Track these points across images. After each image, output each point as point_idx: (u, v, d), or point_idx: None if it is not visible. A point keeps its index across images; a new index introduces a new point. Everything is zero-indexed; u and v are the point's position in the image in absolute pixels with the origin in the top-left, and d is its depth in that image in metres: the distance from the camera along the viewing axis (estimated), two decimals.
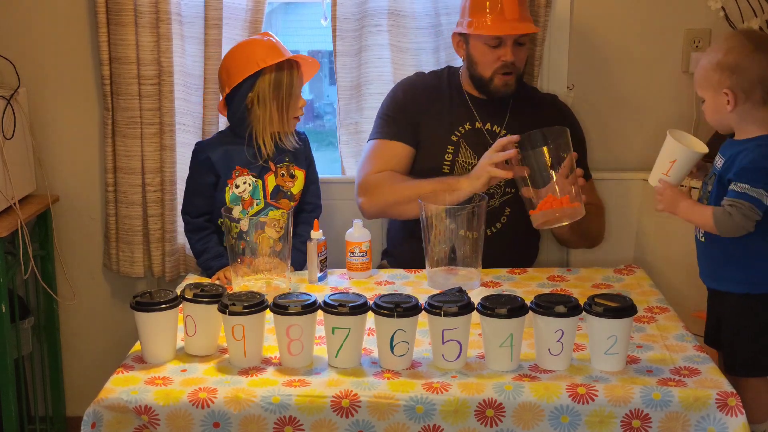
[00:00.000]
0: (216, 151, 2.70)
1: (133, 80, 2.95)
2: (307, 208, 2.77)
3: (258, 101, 2.65)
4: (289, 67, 2.66)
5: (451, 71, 2.90)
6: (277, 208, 2.70)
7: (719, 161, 2.31)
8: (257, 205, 2.71)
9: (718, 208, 2.22)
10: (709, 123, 2.36)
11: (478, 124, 2.80)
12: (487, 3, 2.68)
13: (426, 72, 2.94)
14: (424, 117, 2.82)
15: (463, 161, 2.78)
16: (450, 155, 2.78)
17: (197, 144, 2.78)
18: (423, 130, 2.81)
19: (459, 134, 2.79)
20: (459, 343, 2.03)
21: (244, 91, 2.65)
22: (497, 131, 2.80)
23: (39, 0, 3.03)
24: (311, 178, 2.80)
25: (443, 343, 2.03)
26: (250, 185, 2.70)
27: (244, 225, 2.45)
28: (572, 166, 2.49)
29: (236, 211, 2.65)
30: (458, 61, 2.97)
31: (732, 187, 2.21)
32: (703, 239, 2.34)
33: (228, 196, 2.69)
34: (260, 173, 2.71)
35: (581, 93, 3.09)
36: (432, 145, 2.80)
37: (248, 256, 2.47)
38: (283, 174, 2.72)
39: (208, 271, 2.68)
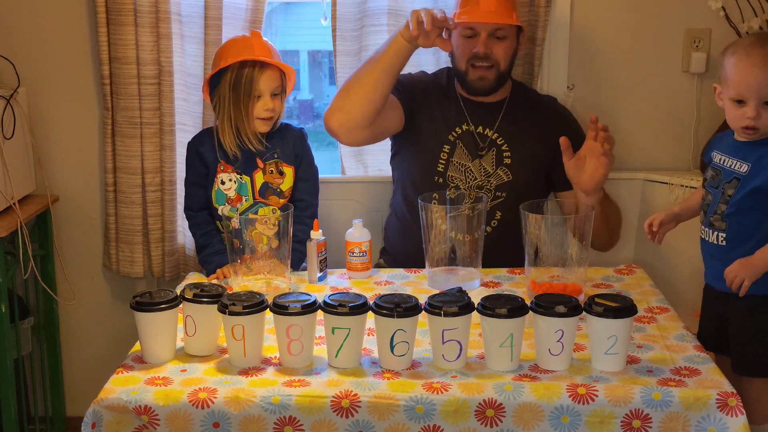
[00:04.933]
0: (204, 145, 2.74)
1: (132, 80, 2.95)
2: (298, 206, 2.73)
3: (219, 98, 2.69)
4: (252, 67, 2.66)
5: (449, 72, 2.90)
6: (266, 205, 2.71)
7: (739, 165, 2.29)
8: (246, 201, 2.72)
9: None
10: (765, 129, 2.25)
11: (470, 127, 2.80)
12: None
13: (429, 72, 2.95)
14: (424, 109, 2.82)
15: (457, 162, 2.77)
16: (445, 154, 2.78)
17: (189, 140, 2.82)
18: (421, 125, 2.81)
19: (456, 135, 2.79)
20: (459, 343, 2.03)
21: (212, 87, 2.72)
22: (488, 134, 2.79)
23: (39, 0, 3.03)
24: (303, 175, 2.78)
25: (443, 343, 2.03)
26: (235, 182, 2.71)
27: (235, 222, 2.46)
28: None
29: (224, 210, 2.67)
30: None
31: None
32: (724, 243, 2.32)
33: (213, 190, 2.70)
34: (246, 170, 2.72)
35: (581, 93, 3.08)
36: (429, 143, 2.81)
37: (247, 254, 2.47)
38: (271, 171, 2.72)
39: (208, 266, 2.68)
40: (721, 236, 2.32)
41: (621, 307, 2.00)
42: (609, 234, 2.82)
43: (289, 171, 2.76)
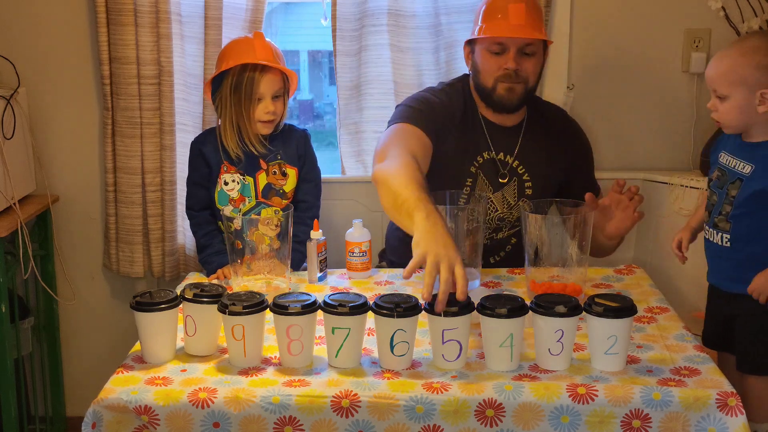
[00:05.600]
0: (207, 145, 2.74)
1: (132, 80, 2.95)
2: (300, 207, 2.76)
3: (221, 100, 2.69)
4: (253, 70, 2.65)
5: (466, 89, 2.73)
6: (269, 206, 2.71)
7: (743, 166, 2.29)
8: (249, 202, 2.72)
9: None
10: (720, 121, 2.30)
11: (492, 154, 2.69)
12: (495, 8, 2.59)
13: (443, 86, 2.76)
14: (445, 141, 2.64)
15: (478, 194, 2.65)
16: (468, 188, 2.67)
17: (193, 139, 2.82)
18: (441, 157, 2.62)
19: (477, 164, 2.68)
20: (459, 343, 2.03)
21: (214, 88, 2.72)
22: (509, 161, 2.70)
23: (39, 0, 3.03)
24: (306, 176, 2.79)
25: (443, 343, 2.03)
26: (238, 183, 2.71)
27: (237, 223, 2.46)
28: None
29: (226, 211, 2.67)
30: (457, 63, 2.98)
31: None
32: (728, 244, 2.32)
33: (216, 191, 2.70)
34: (249, 171, 2.72)
35: (581, 93, 3.09)
36: (450, 177, 2.66)
37: (248, 255, 2.47)
38: (275, 172, 2.73)
39: (208, 266, 2.68)
40: (726, 237, 2.32)
41: (621, 307, 2.00)
42: (613, 250, 2.76)
43: (292, 172, 2.76)
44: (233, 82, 2.65)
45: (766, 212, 2.25)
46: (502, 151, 2.70)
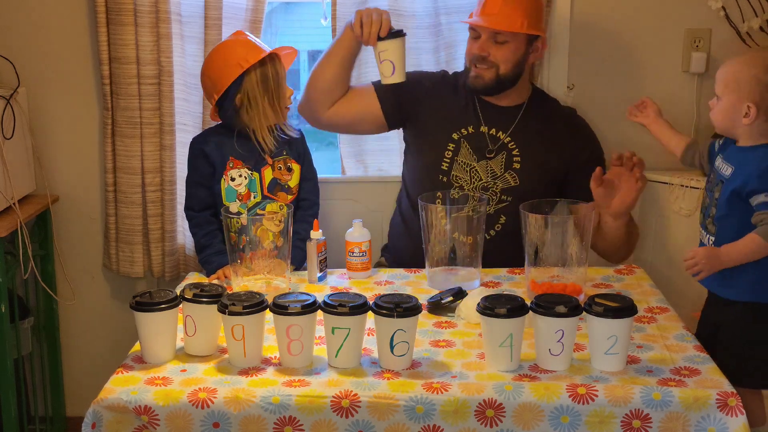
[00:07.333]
0: (209, 144, 2.73)
1: (132, 80, 2.95)
2: (302, 205, 2.77)
3: (248, 100, 2.67)
4: (270, 60, 2.67)
5: (464, 70, 2.86)
6: (275, 201, 2.72)
7: (726, 168, 2.30)
8: (254, 198, 2.72)
9: (760, 228, 2.20)
10: (711, 119, 2.35)
11: (482, 128, 2.78)
12: None
13: (451, 73, 2.93)
14: (429, 107, 2.81)
15: (462, 161, 2.77)
16: (450, 152, 2.77)
17: (192, 140, 2.81)
18: (426, 122, 2.81)
19: (461, 134, 2.78)
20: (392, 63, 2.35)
21: (231, 93, 2.67)
22: (501, 137, 2.77)
23: (39, 0, 3.03)
24: (306, 174, 2.80)
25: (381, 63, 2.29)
26: (245, 178, 2.71)
27: (243, 219, 2.46)
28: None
29: (234, 207, 2.67)
30: (457, 63, 2.98)
31: (762, 199, 2.21)
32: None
33: (223, 187, 2.70)
34: (256, 166, 2.72)
35: (581, 93, 3.08)
36: (433, 141, 2.80)
37: (249, 253, 2.47)
38: (280, 167, 2.73)
39: (208, 266, 2.68)
40: (711, 240, 2.32)
41: (621, 307, 2.00)
42: (627, 251, 2.80)
43: (297, 167, 2.77)
44: (258, 78, 2.65)
45: (746, 216, 2.25)
46: (495, 127, 2.79)
